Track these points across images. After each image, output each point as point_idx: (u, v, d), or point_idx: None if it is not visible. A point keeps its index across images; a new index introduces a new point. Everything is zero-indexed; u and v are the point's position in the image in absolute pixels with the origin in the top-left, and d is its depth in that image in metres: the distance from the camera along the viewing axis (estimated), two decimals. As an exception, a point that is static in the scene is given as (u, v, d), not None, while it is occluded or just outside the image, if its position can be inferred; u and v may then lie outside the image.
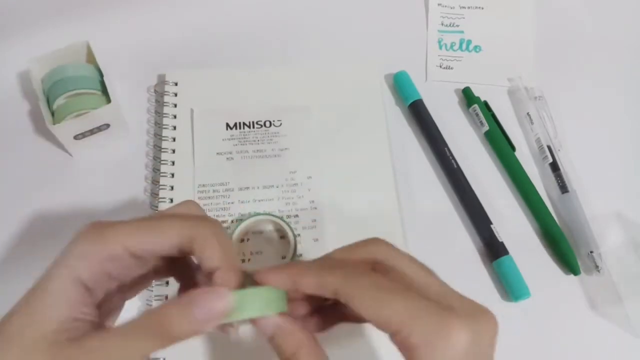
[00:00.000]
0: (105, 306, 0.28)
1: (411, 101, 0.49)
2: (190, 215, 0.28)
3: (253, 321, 0.26)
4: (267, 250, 0.42)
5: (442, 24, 0.54)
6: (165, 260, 0.28)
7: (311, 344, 0.26)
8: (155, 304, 0.40)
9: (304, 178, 0.45)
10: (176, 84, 0.49)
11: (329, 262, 0.27)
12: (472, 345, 0.23)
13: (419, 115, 0.48)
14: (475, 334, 0.24)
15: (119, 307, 0.30)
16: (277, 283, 0.26)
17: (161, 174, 0.45)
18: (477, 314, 0.25)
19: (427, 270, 0.27)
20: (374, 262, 0.28)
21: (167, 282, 0.41)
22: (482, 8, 0.55)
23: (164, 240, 0.26)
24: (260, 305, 0.25)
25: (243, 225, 0.42)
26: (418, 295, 0.25)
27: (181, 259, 0.30)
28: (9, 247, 0.43)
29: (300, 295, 0.27)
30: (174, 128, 0.47)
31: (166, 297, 0.40)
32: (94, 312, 0.26)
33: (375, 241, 0.28)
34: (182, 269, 0.30)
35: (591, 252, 0.43)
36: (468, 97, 0.50)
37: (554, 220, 0.44)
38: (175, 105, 0.48)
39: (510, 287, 0.42)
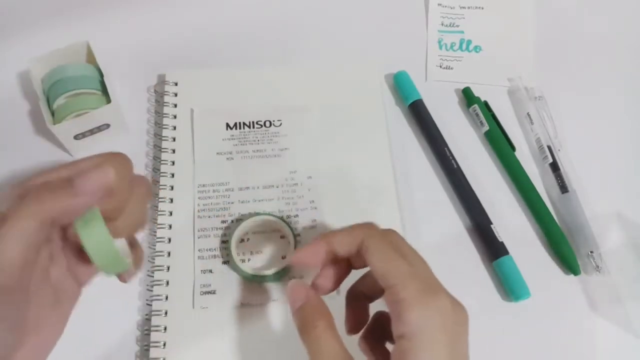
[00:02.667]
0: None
1: (411, 101, 0.49)
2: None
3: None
4: (267, 250, 0.42)
5: (442, 24, 0.54)
6: None
7: (329, 317, 0.31)
8: (155, 304, 0.40)
9: (304, 178, 0.45)
10: (176, 84, 0.49)
11: (356, 224, 0.32)
12: (451, 314, 0.28)
13: (419, 115, 0.48)
14: (455, 310, 0.28)
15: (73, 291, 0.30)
16: (317, 251, 0.31)
17: (161, 174, 0.45)
18: (457, 302, 0.29)
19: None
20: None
21: (167, 282, 0.41)
22: (482, 8, 0.55)
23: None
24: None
25: (243, 225, 0.42)
26: (417, 267, 0.29)
27: None
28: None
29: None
30: (174, 128, 0.47)
31: (166, 297, 0.40)
32: None
33: (367, 225, 0.32)
34: None
35: (591, 252, 0.43)
36: (468, 97, 0.50)
37: (554, 220, 0.44)
38: (175, 105, 0.48)
39: (510, 287, 0.42)
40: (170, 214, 0.43)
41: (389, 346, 0.33)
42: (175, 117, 0.47)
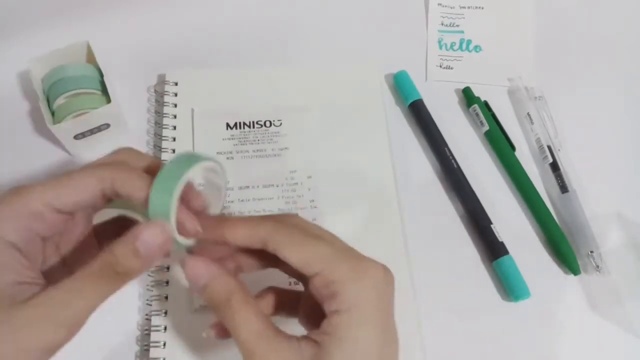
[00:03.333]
0: (53, 279, 0.27)
1: (411, 101, 0.49)
2: (114, 160, 0.29)
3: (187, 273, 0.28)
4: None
5: (442, 24, 0.54)
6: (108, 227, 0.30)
7: (243, 291, 0.28)
8: (155, 304, 0.40)
9: (304, 178, 0.45)
10: (176, 84, 0.49)
11: (257, 217, 0.29)
12: (381, 283, 0.27)
13: (419, 115, 0.48)
14: (384, 276, 0.28)
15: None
16: (207, 233, 0.28)
17: (161, 174, 0.45)
18: (384, 267, 0.28)
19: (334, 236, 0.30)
20: None
21: (167, 282, 0.41)
22: (482, 8, 0.55)
23: (83, 188, 0.26)
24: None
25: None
26: (335, 244, 0.28)
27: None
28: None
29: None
30: (174, 128, 0.47)
31: (166, 297, 0.40)
32: (38, 276, 0.26)
33: (289, 215, 0.31)
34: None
35: (591, 252, 0.43)
36: (468, 97, 0.50)
37: (554, 220, 0.44)
38: (176, 105, 0.48)
39: (510, 287, 0.42)
40: (170, 213, 0.43)
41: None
42: (175, 117, 0.47)
